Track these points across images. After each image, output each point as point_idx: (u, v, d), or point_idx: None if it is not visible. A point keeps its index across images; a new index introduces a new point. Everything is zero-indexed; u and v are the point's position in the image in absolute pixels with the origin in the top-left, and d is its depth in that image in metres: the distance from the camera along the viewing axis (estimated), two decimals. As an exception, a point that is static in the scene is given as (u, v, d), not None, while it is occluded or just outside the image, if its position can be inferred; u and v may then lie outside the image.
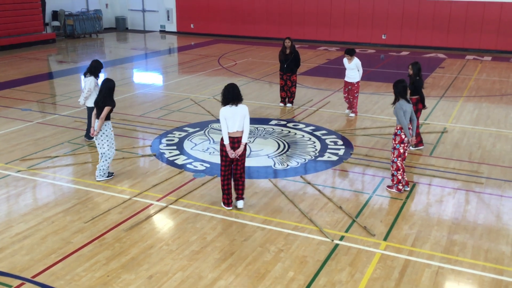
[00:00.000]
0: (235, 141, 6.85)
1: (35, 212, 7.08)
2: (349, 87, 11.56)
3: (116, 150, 9.41)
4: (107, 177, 8.20)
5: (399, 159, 7.57)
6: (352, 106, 11.77)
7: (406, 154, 7.71)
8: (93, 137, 9.03)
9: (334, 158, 9.18)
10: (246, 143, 6.93)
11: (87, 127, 9.86)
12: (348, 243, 6.32)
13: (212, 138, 10.10)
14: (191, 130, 10.63)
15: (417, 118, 9.02)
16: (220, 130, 10.67)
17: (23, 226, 6.68)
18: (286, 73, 12.30)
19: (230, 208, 7.18)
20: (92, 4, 27.37)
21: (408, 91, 8.91)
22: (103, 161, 8.07)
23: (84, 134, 10.02)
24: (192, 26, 26.67)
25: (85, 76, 9.48)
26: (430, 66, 18.16)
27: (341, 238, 6.43)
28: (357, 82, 11.55)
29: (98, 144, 8.01)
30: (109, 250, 6.11)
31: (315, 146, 9.78)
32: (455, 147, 9.73)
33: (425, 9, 21.96)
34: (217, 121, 11.24)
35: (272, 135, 10.34)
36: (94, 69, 9.43)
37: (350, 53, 11.51)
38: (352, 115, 11.71)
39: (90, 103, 9.26)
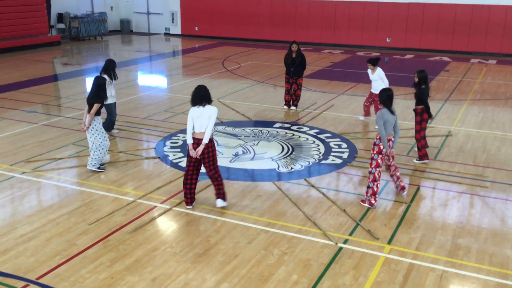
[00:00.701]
0: (200, 142, 6.93)
1: (39, 213, 7.10)
2: (374, 98, 11.03)
3: (120, 152, 9.46)
4: (98, 168, 8.46)
5: (377, 170, 7.19)
6: (368, 114, 11.57)
7: (393, 163, 7.44)
8: (110, 131, 10.28)
9: (338, 161, 9.17)
10: (209, 143, 6.95)
11: (105, 121, 10.22)
12: (352, 246, 6.31)
13: (216, 141, 10.10)
14: (195, 132, 10.63)
15: (423, 129, 8.90)
16: (223, 132, 10.76)
17: (28, 227, 6.71)
18: (293, 77, 12.28)
19: (190, 207, 7.25)
20: (97, 7, 27.49)
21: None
22: (98, 151, 8.42)
23: (106, 129, 10.28)
24: (196, 28, 26.73)
25: (100, 74, 9.88)
26: (435, 70, 18.14)
27: (345, 242, 6.42)
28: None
29: (90, 137, 8.42)
30: (113, 252, 6.12)
31: (319, 149, 9.78)
32: (459, 151, 9.70)
33: (429, 12, 21.94)
34: (221, 123, 11.26)
35: (276, 138, 10.35)
36: (107, 68, 10.04)
37: (372, 62, 10.84)
38: (363, 118, 11.62)
39: (108, 99, 9.79)
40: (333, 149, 9.75)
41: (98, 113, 8.32)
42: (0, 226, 6.74)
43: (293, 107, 12.52)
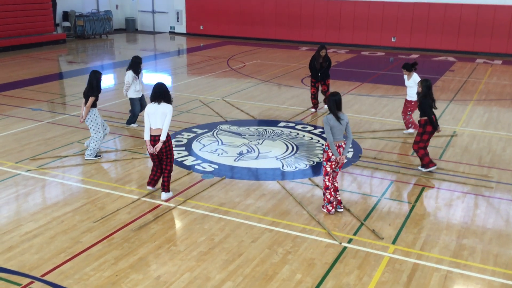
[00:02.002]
0: (156, 139, 7.18)
1: (44, 211, 7.13)
2: (407, 105, 10.37)
3: (125, 150, 9.49)
4: (95, 157, 9.00)
5: (327, 177, 6.97)
6: (406, 124, 10.60)
7: (337, 170, 7.05)
8: (130, 124, 10.79)
9: (343, 160, 9.15)
10: (165, 140, 7.18)
11: (130, 115, 10.86)
12: (356, 246, 6.30)
13: (220, 140, 10.11)
14: (199, 131, 10.66)
15: (423, 141, 8.41)
16: (228, 131, 10.76)
17: (33, 225, 6.73)
18: (320, 80, 12.08)
19: (150, 188, 7.67)
20: (102, 5, 27.54)
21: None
22: (93, 142, 8.93)
23: (127, 121, 10.92)
24: (201, 27, 26.74)
25: (126, 70, 10.56)
26: (440, 69, 18.08)
27: (349, 241, 6.42)
28: (415, 101, 10.02)
29: (90, 127, 8.95)
30: (117, 250, 6.14)
31: (323, 148, 9.75)
32: (464, 151, 9.67)
33: (435, 12, 21.87)
34: (226, 122, 11.27)
35: (281, 137, 10.34)
36: (132, 64, 10.51)
37: (407, 68, 10.21)
38: (411, 130, 10.53)
39: (131, 94, 10.50)
40: (337, 149, 9.73)
41: (94, 105, 8.84)
42: (5, 224, 6.77)
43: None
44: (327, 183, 7.01)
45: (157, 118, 7.16)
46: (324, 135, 10.44)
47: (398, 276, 5.70)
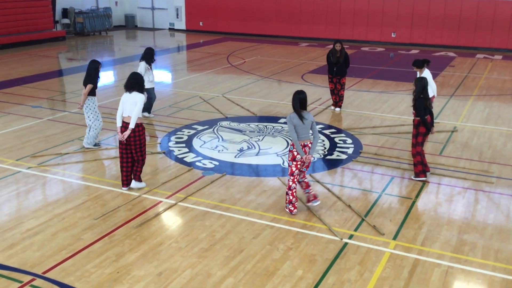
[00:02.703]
0: (127, 126, 7.35)
1: (45, 208, 7.13)
2: None
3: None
4: (94, 145, 9.32)
5: (291, 178, 6.80)
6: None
7: (304, 169, 6.89)
8: (145, 112, 10.91)
9: (343, 156, 9.16)
10: (135, 130, 7.31)
11: (145, 105, 10.77)
12: (357, 242, 6.31)
13: (221, 136, 10.11)
14: (200, 128, 10.66)
15: (419, 144, 7.89)
16: (228, 128, 10.76)
17: (34, 222, 6.74)
18: (336, 76, 11.84)
19: (125, 188, 7.64)
20: (101, 2, 27.48)
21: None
22: (92, 130, 9.25)
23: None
24: (201, 24, 26.70)
25: (139, 61, 10.91)
26: (440, 65, 18.06)
27: (350, 237, 6.42)
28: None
29: (86, 116, 9.24)
30: (118, 247, 6.14)
31: (324, 144, 9.76)
32: (465, 146, 9.67)
33: (435, 7, 21.83)
34: (226, 119, 11.27)
35: (281, 133, 10.34)
36: (145, 55, 10.84)
37: (417, 65, 9.63)
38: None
39: (145, 84, 10.31)
40: (338, 145, 9.73)
41: (93, 93, 9.15)
42: (6, 221, 6.78)
43: (337, 109, 12.03)
44: (291, 183, 6.84)
45: (128, 106, 7.36)
46: (325, 131, 10.45)
47: (399, 271, 5.71)
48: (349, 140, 9.98)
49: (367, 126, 10.95)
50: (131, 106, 7.33)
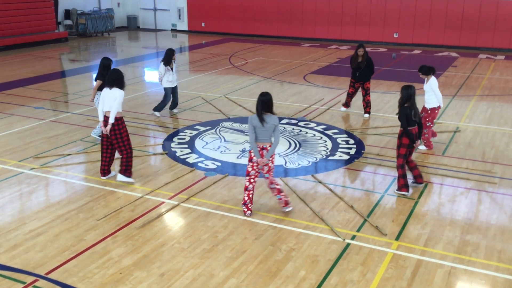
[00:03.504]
0: (108, 120, 7.68)
1: (48, 209, 7.14)
2: (423, 113, 9.30)
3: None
4: (99, 136, 9.62)
5: (247, 178, 6.79)
6: (426, 138, 9.40)
7: (267, 176, 6.79)
8: (155, 111, 11.51)
9: (346, 157, 9.15)
10: (114, 124, 7.63)
11: (159, 103, 11.57)
12: (360, 242, 6.30)
13: (223, 137, 10.11)
14: (202, 128, 10.66)
15: (402, 156, 7.48)
16: (230, 128, 10.76)
17: (37, 223, 6.75)
18: (358, 81, 11.48)
19: (103, 177, 8.06)
20: (104, 3, 27.52)
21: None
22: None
23: (154, 108, 11.61)
24: (203, 24, 26.72)
25: (160, 62, 11.41)
26: (443, 65, 18.04)
27: (353, 238, 6.42)
28: (432, 109, 9.22)
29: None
30: (121, 248, 6.15)
31: (326, 145, 9.76)
32: (468, 147, 9.65)
33: (437, 7, 21.81)
34: (228, 120, 11.27)
35: (283, 134, 10.33)
36: (164, 57, 11.30)
37: (422, 71, 9.29)
38: (422, 147, 9.41)
39: (164, 84, 11.30)
40: (340, 145, 9.73)
41: (102, 89, 9.33)
42: (9, 222, 6.79)
43: (366, 115, 11.58)
44: (247, 183, 6.82)
45: (108, 102, 7.65)
46: (327, 132, 10.45)
47: (402, 272, 5.70)
48: (352, 141, 9.97)
49: (370, 126, 10.94)
50: (111, 101, 7.63)
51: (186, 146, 9.66)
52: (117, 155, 8.12)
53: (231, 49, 21.59)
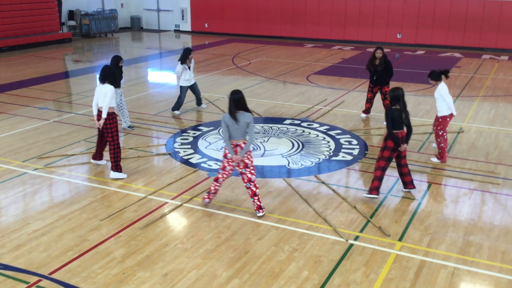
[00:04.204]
0: (101, 115, 8.00)
1: (51, 209, 7.16)
2: (436, 122, 8.87)
3: (131, 149, 9.51)
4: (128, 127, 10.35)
5: (220, 171, 6.93)
6: (442, 148, 8.78)
7: (244, 171, 6.77)
8: (174, 110, 11.82)
9: (349, 157, 9.14)
10: (107, 118, 7.93)
11: (176, 102, 11.88)
12: (363, 243, 6.30)
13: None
14: (205, 129, 10.67)
15: (383, 158, 7.27)
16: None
17: (40, 223, 6.77)
18: (376, 86, 11.02)
19: (93, 161, 8.64)
20: (107, 4, 27.59)
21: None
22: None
23: (172, 108, 11.93)
24: (206, 25, 26.75)
25: (178, 61, 11.70)
26: (446, 66, 17.97)
27: (356, 238, 6.41)
28: (443, 117, 8.67)
29: None
30: (124, 248, 6.16)
31: (329, 145, 9.76)
32: (471, 147, 9.63)
33: (441, 8, 21.77)
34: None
35: (286, 134, 10.34)
36: (182, 55, 11.59)
37: (431, 76, 8.81)
38: (436, 160, 8.86)
39: (181, 82, 11.64)
40: (343, 146, 9.72)
41: (117, 86, 9.54)
42: (13, 222, 6.81)
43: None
44: (219, 175, 6.98)
45: (100, 97, 7.94)
46: (330, 132, 10.44)
47: (405, 273, 5.69)
48: (355, 141, 9.97)
49: (373, 127, 10.93)
50: (103, 97, 7.90)
51: (190, 146, 9.67)
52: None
53: (234, 50, 21.61)
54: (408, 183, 7.60)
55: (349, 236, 6.46)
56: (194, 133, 10.39)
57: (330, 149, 9.55)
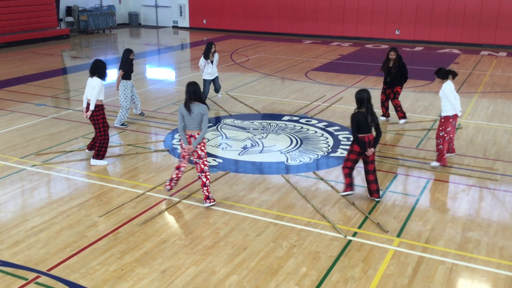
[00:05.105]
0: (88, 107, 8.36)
1: (50, 206, 7.16)
2: (440, 120, 8.57)
3: (129, 145, 9.51)
4: (121, 125, 10.43)
5: (182, 160, 7.18)
6: (440, 151, 8.46)
7: (198, 161, 6.93)
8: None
9: (347, 154, 9.14)
10: (94, 111, 8.27)
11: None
12: (361, 239, 6.31)
13: (225, 134, 10.12)
14: (204, 125, 10.65)
15: (350, 160, 7.18)
16: (232, 125, 10.77)
17: (39, 219, 6.76)
18: (390, 87, 10.73)
19: (87, 150, 8.92)
20: (105, 0, 27.51)
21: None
22: (121, 111, 10.41)
23: None
24: (204, 21, 26.70)
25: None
26: (445, 62, 17.99)
27: (354, 234, 6.42)
28: (445, 117, 8.36)
29: (119, 98, 10.47)
30: (123, 244, 6.16)
31: (327, 142, 9.76)
32: (469, 144, 9.64)
33: (439, 4, 21.75)
34: (230, 116, 11.27)
35: (285, 130, 10.34)
36: (205, 50, 11.79)
37: (439, 74, 8.48)
38: (435, 164, 8.50)
39: (204, 76, 11.85)
40: (341, 142, 9.72)
41: (126, 77, 10.41)
42: (11, 218, 6.81)
43: (401, 121, 10.79)
44: (180, 164, 7.24)
45: (89, 89, 8.29)
46: (328, 128, 10.44)
47: (403, 269, 5.70)
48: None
49: (371, 123, 10.92)
50: (92, 89, 8.24)
51: (188, 143, 9.65)
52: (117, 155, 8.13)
53: (232, 46, 21.57)
54: (373, 192, 7.27)
55: (348, 232, 6.47)
56: (192, 130, 10.38)
57: (329, 146, 9.55)
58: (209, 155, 9.05)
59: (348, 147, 9.39)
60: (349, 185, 7.35)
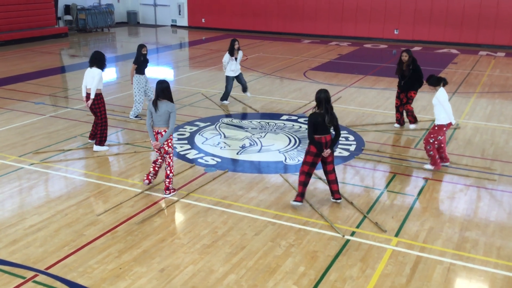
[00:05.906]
0: (89, 96, 8.78)
1: (48, 204, 7.15)
2: (432, 128, 8.34)
3: (127, 144, 9.51)
4: (135, 117, 10.86)
5: (158, 155, 7.49)
6: (432, 156, 8.30)
7: (169, 161, 7.20)
8: (223, 101, 12.26)
9: (345, 153, 9.15)
10: (95, 99, 8.72)
11: (224, 93, 12.28)
12: (359, 238, 6.31)
13: (223, 133, 10.12)
14: (202, 124, 10.66)
15: (307, 164, 6.91)
16: (230, 124, 10.77)
17: (37, 218, 6.75)
18: (403, 91, 10.19)
19: (90, 140, 9.27)
20: (104, -2, 27.49)
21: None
22: (135, 104, 10.82)
23: (220, 98, 12.34)
24: (203, 20, 26.69)
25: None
26: (443, 62, 18.02)
27: (352, 234, 6.43)
28: (439, 125, 8.18)
29: (133, 91, 10.88)
30: (121, 243, 6.16)
31: (326, 141, 9.75)
32: (467, 144, 9.66)
33: (438, 4, 21.78)
34: (229, 116, 11.27)
35: (283, 130, 10.34)
36: (229, 47, 11.89)
37: (429, 82, 8.37)
38: (429, 166, 8.38)
39: (227, 72, 11.98)
40: (340, 142, 9.73)
41: (139, 72, 10.75)
42: (9, 217, 6.80)
43: (412, 126, 10.28)
44: (158, 158, 7.51)
45: (89, 80, 8.73)
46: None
47: (401, 268, 5.71)
48: (351, 137, 9.98)
49: (370, 123, 10.94)
50: (91, 79, 8.68)
51: (186, 142, 9.66)
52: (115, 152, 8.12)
53: (231, 45, 21.54)
54: (334, 192, 7.14)
55: (346, 231, 6.48)
56: (191, 129, 10.38)
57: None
58: (208, 154, 9.05)
59: (345, 147, 9.40)
60: (301, 195, 7.01)
